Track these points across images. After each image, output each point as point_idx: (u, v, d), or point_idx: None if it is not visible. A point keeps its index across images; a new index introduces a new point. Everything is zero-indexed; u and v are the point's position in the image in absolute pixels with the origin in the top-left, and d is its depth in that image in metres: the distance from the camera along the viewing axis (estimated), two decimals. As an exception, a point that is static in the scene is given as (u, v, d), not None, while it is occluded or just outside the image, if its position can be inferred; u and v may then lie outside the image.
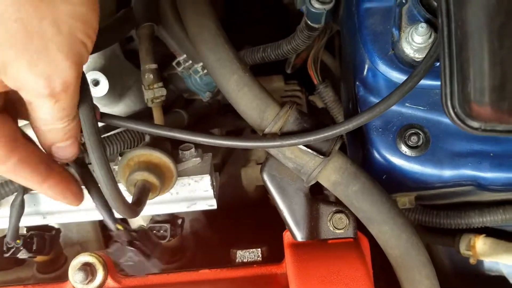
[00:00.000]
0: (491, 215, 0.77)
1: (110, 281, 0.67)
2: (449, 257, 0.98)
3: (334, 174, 0.61)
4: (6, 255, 0.74)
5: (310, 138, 0.57)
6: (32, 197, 0.73)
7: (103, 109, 0.79)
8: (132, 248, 0.70)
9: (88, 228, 0.89)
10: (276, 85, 1.13)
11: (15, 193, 0.70)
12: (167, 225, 0.77)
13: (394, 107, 0.69)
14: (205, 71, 0.84)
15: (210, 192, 0.73)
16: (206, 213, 0.92)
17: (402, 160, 0.69)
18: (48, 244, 0.78)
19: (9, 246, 0.74)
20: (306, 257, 0.62)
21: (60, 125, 0.49)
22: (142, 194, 0.63)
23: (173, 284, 0.67)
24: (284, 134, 0.59)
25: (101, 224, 0.92)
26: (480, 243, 0.83)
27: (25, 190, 0.70)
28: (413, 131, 0.68)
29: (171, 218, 0.79)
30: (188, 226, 0.88)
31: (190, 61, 0.85)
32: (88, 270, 0.65)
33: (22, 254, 0.75)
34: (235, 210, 0.98)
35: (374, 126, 0.70)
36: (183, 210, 0.75)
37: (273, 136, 0.59)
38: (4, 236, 0.82)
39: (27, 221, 0.74)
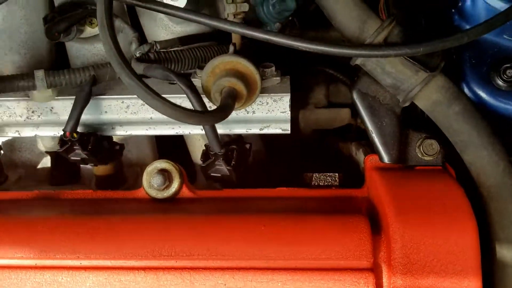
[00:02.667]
0: None
1: (185, 190, 0.65)
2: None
3: (436, 93, 0.58)
4: (60, 150, 0.70)
5: (419, 49, 0.54)
6: (103, 103, 0.71)
7: (180, 24, 0.77)
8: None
9: (147, 151, 0.87)
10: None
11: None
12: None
13: (491, 38, 0.66)
14: (280, -4, 0.81)
15: (287, 114, 0.71)
16: (267, 145, 0.90)
17: (493, 95, 0.66)
18: (107, 152, 0.74)
19: (65, 139, 0.69)
20: (398, 180, 0.59)
21: None
22: (230, 100, 0.61)
23: (249, 198, 0.65)
24: (390, 45, 0.56)
25: (159, 148, 0.90)
26: None
27: (95, 81, 0.68)
28: (508, 65, 0.65)
29: (240, 141, 0.76)
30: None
31: (266, -14, 0.82)
32: (165, 175, 0.63)
33: (76, 154, 0.70)
34: (290, 151, 0.96)
35: (467, 56, 0.67)
36: (255, 132, 0.73)
37: (379, 46, 0.56)
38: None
39: (92, 128, 0.72)
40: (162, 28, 0.78)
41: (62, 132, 0.73)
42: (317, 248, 0.54)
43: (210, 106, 0.68)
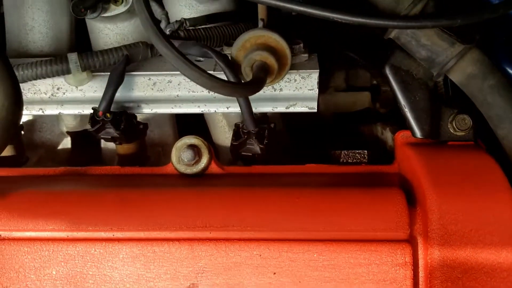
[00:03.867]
0: None
1: (214, 166, 0.64)
2: None
3: (471, 66, 0.58)
4: (91, 129, 0.70)
5: (457, 20, 0.53)
6: (130, 80, 0.71)
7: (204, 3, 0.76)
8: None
9: (169, 131, 0.87)
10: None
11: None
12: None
13: (522, 15, 0.65)
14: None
15: (315, 92, 0.70)
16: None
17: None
18: (134, 132, 0.74)
19: (97, 119, 0.69)
20: (432, 154, 0.59)
21: None
22: (262, 73, 0.60)
23: (278, 175, 0.65)
24: (427, 16, 0.56)
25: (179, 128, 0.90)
26: None
27: (128, 61, 0.67)
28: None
29: (266, 121, 0.76)
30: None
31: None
32: (195, 150, 0.63)
33: (108, 132, 0.70)
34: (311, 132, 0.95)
35: (499, 35, 0.67)
36: (281, 111, 0.72)
37: (416, 17, 0.56)
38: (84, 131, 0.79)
39: (119, 106, 0.72)
40: (186, 7, 0.78)
41: (86, 111, 0.73)
42: (353, 220, 0.53)
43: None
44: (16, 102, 0.55)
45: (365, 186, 0.60)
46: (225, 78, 0.62)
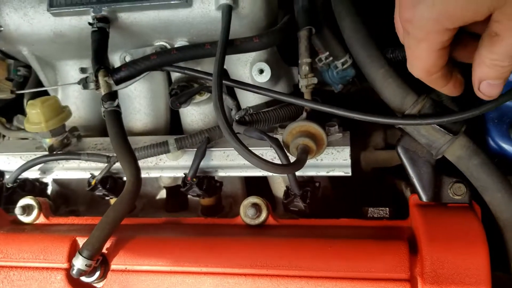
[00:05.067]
0: None
1: (271, 219, 0.88)
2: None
3: (459, 150, 0.78)
4: (183, 189, 0.96)
5: (444, 119, 0.74)
6: (211, 153, 0.97)
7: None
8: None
9: (238, 185, 1.12)
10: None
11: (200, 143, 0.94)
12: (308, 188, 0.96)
13: (509, 103, 0.84)
14: (344, 66, 1.04)
15: (348, 161, 0.93)
16: (333, 182, 1.11)
17: (513, 147, 0.84)
18: (213, 190, 1.00)
19: (186, 183, 0.95)
20: (431, 214, 0.79)
21: (507, 63, 0.55)
22: (304, 155, 0.84)
23: (319, 226, 0.87)
24: (422, 116, 0.77)
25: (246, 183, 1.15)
26: None
27: (209, 141, 0.93)
28: (524, 124, 0.83)
29: (311, 181, 0.99)
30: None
31: (331, 58, 1.05)
32: (257, 208, 0.87)
33: (194, 191, 0.96)
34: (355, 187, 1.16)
35: (491, 117, 0.86)
36: (323, 174, 0.95)
37: (414, 116, 0.77)
38: (176, 186, 1.06)
39: (203, 171, 0.98)
40: (252, 96, 1.03)
41: (178, 174, 1.00)
42: (368, 263, 0.75)
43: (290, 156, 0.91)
44: (138, 179, 0.82)
45: (384, 237, 0.81)
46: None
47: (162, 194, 1.17)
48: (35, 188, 1.07)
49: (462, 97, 0.87)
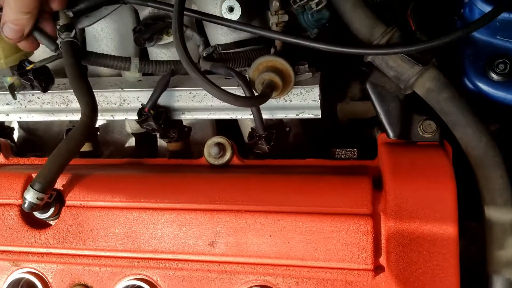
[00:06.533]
0: None
1: (235, 159, 0.85)
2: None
3: (429, 82, 0.74)
4: (138, 121, 0.90)
5: (412, 48, 0.70)
6: (176, 93, 0.93)
7: (236, 32, 0.97)
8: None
9: (209, 131, 1.08)
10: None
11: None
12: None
13: (486, 38, 0.80)
14: (318, 7, 0.99)
15: (317, 102, 0.89)
16: (306, 129, 1.08)
17: (489, 86, 0.81)
18: (179, 132, 0.95)
19: (143, 114, 0.89)
20: (398, 152, 0.76)
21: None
22: (268, 89, 0.80)
23: (284, 166, 0.84)
24: (390, 45, 0.73)
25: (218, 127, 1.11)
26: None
27: (173, 73, 0.89)
28: (501, 60, 0.79)
29: (281, 125, 0.95)
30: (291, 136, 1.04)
31: None
32: (220, 147, 0.84)
33: (149, 124, 0.90)
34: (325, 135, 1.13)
35: (467, 54, 0.82)
36: (292, 117, 0.91)
37: (382, 46, 0.73)
38: (145, 132, 1.02)
39: (169, 115, 0.94)
40: (222, 35, 0.99)
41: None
42: (330, 198, 0.72)
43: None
44: (93, 110, 0.78)
45: (350, 175, 0.78)
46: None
47: (131, 142, 1.14)
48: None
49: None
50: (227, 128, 1.11)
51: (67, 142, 0.76)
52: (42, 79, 0.93)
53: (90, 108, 0.78)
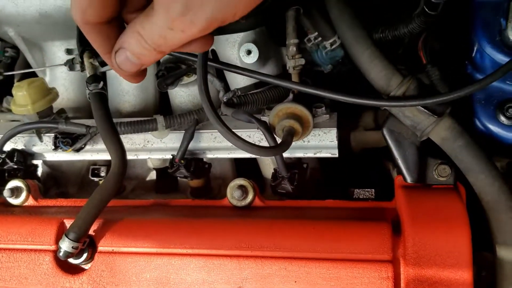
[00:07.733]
0: None
1: (257, 201, 0.89)
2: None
3: (444, 131, 0.77)
4: (170, 171, 0.96)
5: (428, 101, 0.74)
6: (198, 135, 0.97)
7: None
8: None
9: (228, 167, 1.12)
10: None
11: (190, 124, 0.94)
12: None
13: (496, 84, 0.84)
14: (333, 47, 1.03)
15: (335, 143, 0.92)
16: (322, 163, 1.11)
17: (500, 128, 0.84)
18: (202, 171, 1.00)
19: (174, 164, 0.95)
20: (415, 196, 0.79)
21: (148, 44, 0.52)
22: (289, 137, 0.84)
23: (305, 208, 0.88)
24: (406, 97, 0.77)
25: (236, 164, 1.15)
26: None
27: (197, 123, 0.93)
28: (510, 105, 0.83)
29: (298, 163, 0.99)
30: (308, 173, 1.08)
31: (320, 38, 1.04)
32: (243, 189, 0.87)
33: (181, 173, 0.96)
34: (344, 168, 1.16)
35: (478, 98, 0.85)
36: (310, 156, 0.95)
37: (399, 98, 0.77)
38: (166, 167, 1.07)
39: (190, 153, 0.98)
40: (241, 78, 1.03)
41: (167, 156, 1.00)
42: (351, 244, 0.75)
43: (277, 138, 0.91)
44: (123, 161, 0.82)
45: (368, 218, 0.82)
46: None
47: (152, 175, 1.17)
48: (24, 158, 1.05)
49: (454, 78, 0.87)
50: (244, 160, 1.15)
51: (100, 192, 0.80)
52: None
53: (121, 159, 0.81)
